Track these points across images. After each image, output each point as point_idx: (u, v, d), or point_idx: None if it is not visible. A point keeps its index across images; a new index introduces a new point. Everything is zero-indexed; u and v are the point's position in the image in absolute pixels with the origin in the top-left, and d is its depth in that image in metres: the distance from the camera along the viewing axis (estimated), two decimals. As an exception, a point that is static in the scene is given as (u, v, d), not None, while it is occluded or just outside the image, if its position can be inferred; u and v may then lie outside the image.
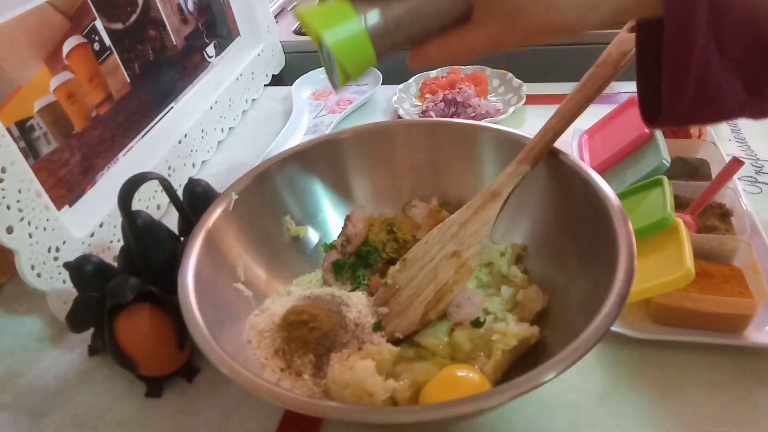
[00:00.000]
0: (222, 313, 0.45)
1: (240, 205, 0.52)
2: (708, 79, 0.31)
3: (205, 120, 0.84)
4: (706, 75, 0.31)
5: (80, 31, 0.64)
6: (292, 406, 0.35)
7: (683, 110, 0.33)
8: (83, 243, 0.60)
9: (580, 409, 0.46)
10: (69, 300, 0.55)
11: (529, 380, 0.33)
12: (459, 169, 0.58)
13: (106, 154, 0.68)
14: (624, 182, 0.59)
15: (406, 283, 0.49)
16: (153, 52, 0.76)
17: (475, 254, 0.48)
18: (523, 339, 0.44)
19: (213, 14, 0.91)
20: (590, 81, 0.46)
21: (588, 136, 0.72)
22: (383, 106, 0.92)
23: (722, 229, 0.55)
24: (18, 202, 0.52)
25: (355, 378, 0.42)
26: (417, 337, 0.48)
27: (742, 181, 0.66)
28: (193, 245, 0.46)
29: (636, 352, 0.49)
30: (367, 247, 0.56)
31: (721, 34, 0.30)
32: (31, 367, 0.56)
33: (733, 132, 0.75)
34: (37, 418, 0.51)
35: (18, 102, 0.56)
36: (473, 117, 0.82)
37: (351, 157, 0.59)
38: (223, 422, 0.48)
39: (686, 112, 0.33)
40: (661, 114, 0.34)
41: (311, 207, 0.58)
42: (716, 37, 0.30)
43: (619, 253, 0.40)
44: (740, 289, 0.49)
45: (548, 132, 0.48)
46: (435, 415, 0.34)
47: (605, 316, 0.36)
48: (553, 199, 0.51)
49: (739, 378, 0.47)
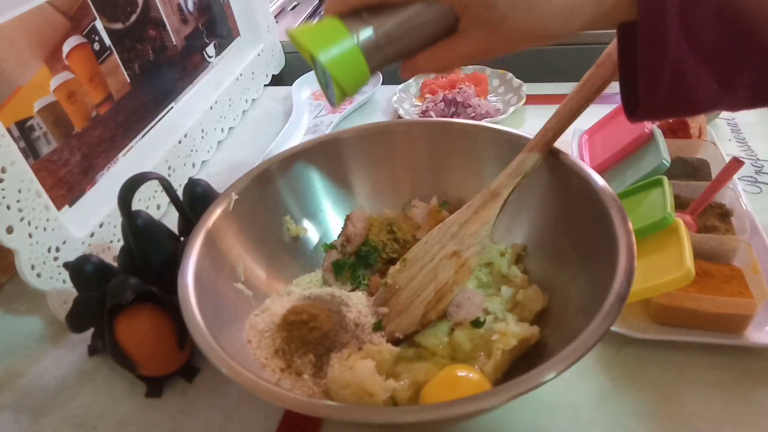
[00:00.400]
0: (222, 313, 0.46)
1: (240, 205, 0.52)
2: (681, 73, 0.33)
3: (205, 120, 0.84)
4: (680, 70, 0.33)
5: (80, 31, 0.64)
6: (292, 406, 0.35)
7: (659, 103, 0.35)
8: (83, 243, 0.60)
9: (580, 409, 0.46)
10: (69, 300, 0.55)
11: (529, 380, 0.33)
12: (459, 169, 0.58)
13: (106, 154, 0.68)
14: (624, 182, 0.59)
15: (406, 283, 0.49)
16: (153, 52, 0.76)
17: (475, 254, 0.48)
18: (523, 339, 0.44)
19: (213, 14, 0.91)
20: (590, 81, 0.46)
21: (588, 136, 0.72)
22: (383, 106, 0.92)
23: (722, 229, 0.55)
24: (18, 202, 0.52)
25: (355, 378, 0.42)
26: (417, 337, 0.48)
27: (742, 181, 0.66)
28: (193, 245, 0.46)
29: (636, 352, 0.49)
30: (367, 247, 0.56)
31: (692, 30, 0.32)
32: (31, 367, 0.56)
33: (733, 132, 0.75)
34: (37, 418, 0.51)
35: (18, 102, 0.56)
36: (473, 117, 0.82)
37: (351, 157, 0.59)
38: (223, 422, 0.48)
39: (662, 105, 0.35)
40: (639, 108, 0.36)
41: (311, 207, 0.58)
42: (688, 33, 0.32)
43: (619, 253, 0.40)
44: (740, 289, 0.49)
45: (548, 132, 0.48)
46: (435, 415, 0.34)
47: (605, 316, 0.36)
48: (552, 199, 0.51)
49: (739, 378, 0.47)
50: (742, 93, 0.34)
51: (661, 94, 0.34)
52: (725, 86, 0.34)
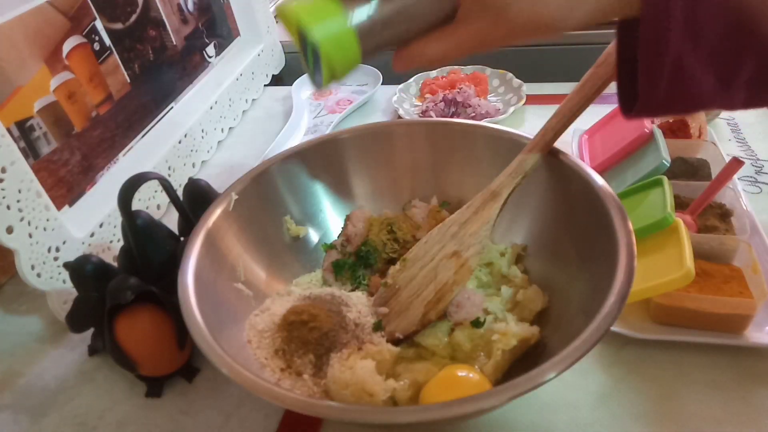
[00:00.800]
0: (222, 313, 0.46)
1: (240, 205, 0.52)
2: (682, 69, 0.33)
3: (205, 120, 0.84)
4: (680, 66, 0.33)
5: (80, 31, 0.64)
6: (292, 406, 0.35)
7: (658, 100, 0.34)
8: (83, 243, 0.60)
9: (580, 409, 0.46)
10: (69, 300, 0.55)
11: (529, 380, 0.33)
12: (459, 169, 0.58)
13: (106, 154, 0.68)
14: (624, 182, 0.59)
15: (406, 283, 0.49)
16: (153, 52, 0.76)
17: (475, 254, 0.48)
18: (523, 339, 0.44)
19: (213, 14, 0.91)
20: (590, 81, 0.46)
21: (588, 136, 0.72)
22: (383, 106, 0.92)
23: (722, 229, 0.55)
24: (18, 202, 0.52)
25: (355, 378, 0.42)
26: (417, 337, 0.48)
27: (742, 181, 0.66)
28: (193, 245, 0.46)
29: (636, 352, 0.49)
30: (367, 247, 0.56)
31: (695, 26, 0.32)
32: (31, 367, 0.56)
33: (733, 132, 0.75)
34: (37, 418, 0.51)
35: (18, 102, 0.56)
36: (473, 117, 0.82)
37: (351, 157, 0.59)
38: (223, 422, 0.48)
39: (661, 102, 0.35)
40: (637, 105, 0.35)
41: (311, 207, 0.58)
42: (690, 29, 0.32)
43: (619, 253, 0.40)
44: (740, 289, 0.49)
45: (548, 132, 0.48)
46: (435, 415, 0.33)
47: (605, 316, 0.36)
48: (553, 199, 0.51)
49: (739, 378, 0.47)
50: (740, 93, 0.34)
51: (661, 90, 0.34)
52: (724, 85, 0.34)
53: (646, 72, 0.34)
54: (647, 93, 0.34)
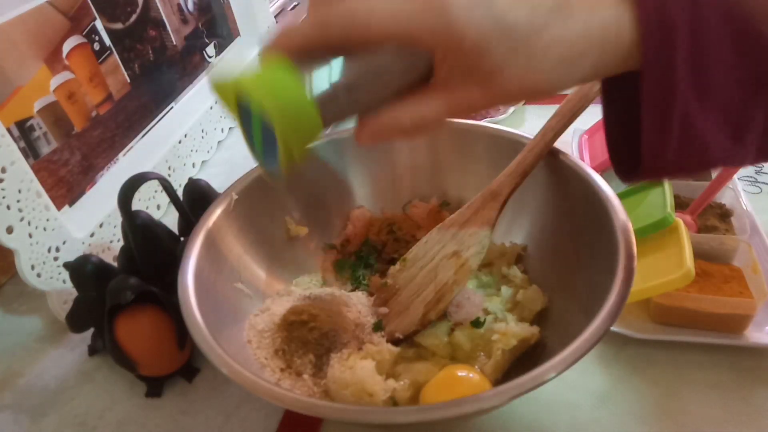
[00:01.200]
0: (222, 313, 0.45)
1: (240, 205, 0.52)
2: (693, 127, 0.30)
3: (205, 120, 0.84)
4: (690, 123, 0.30)
5: (80, 31, 0.64)
6: (292, 406, 0.35)
7: (667, 161, 0.31)
8: (83, 243, 0.60)
9: (580, 409, 0.46)
10: (69, 300, 0.55)
11: (529, 380, 0.33)
12: (459, 169, 0.58)
13: (106, 154, 0.68)
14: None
15: (406, 283, 0.49)
16: (153, 52, 0.76)
17: (475, 254, 0.48)
18: (523, 339, 0.44)
19: (213, 14, 0.91)
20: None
21: (588, 136, 0.72)
22: (383, 106, 0.92)
23: (722, 229, 0.55)
24: (18, 202, 0.52)
25: (355, 378, 0.42)
26: (417, 337, 0.48)
27: (742, 181, 0.66)
28: (193, 245, 0.46)
29: (636, 352, 0.49)
30: (367, 247, 0.56)
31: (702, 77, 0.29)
32: (31, 367, 0.56)
33: (733, 132, 0.75)
34: (37, 418, 0.51)
35: (18, 102, 0.56)
36: (473, 117, 0.82)
37: (351, 156, 0.59)
38: (223, 422, 0.48)
39: (670, 165, 0.31)
40: (641, 167, 0.32)
41: (311, 207, 0.58)
42: (697, 81, 0.29)
43: (619, 253, 0.40)
44: (740, 289, 0.49)
45: (548, 132, 0.48)
46: (435, 415, 0.33)
47: (605, 316, 0.36)
48: (553, 199, 0.51)
49: (739, 378, 0.47)
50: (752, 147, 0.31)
51: (670, 150, 0.30)
52: (737, 139, 0.30)
53: (652, 130, 0.30)
54: (654, 154, 0.31)
